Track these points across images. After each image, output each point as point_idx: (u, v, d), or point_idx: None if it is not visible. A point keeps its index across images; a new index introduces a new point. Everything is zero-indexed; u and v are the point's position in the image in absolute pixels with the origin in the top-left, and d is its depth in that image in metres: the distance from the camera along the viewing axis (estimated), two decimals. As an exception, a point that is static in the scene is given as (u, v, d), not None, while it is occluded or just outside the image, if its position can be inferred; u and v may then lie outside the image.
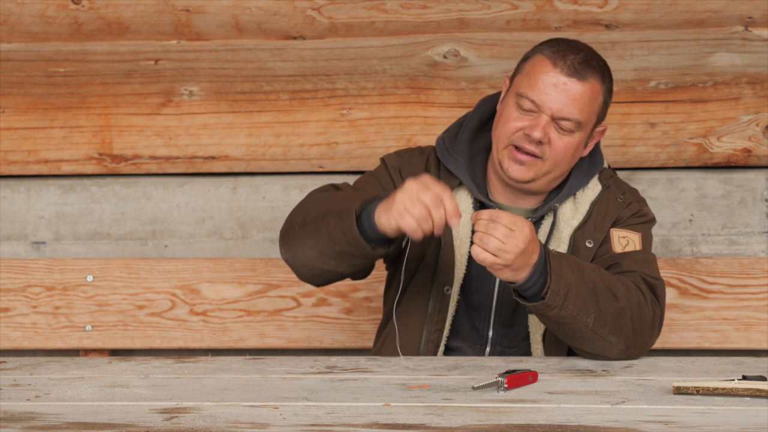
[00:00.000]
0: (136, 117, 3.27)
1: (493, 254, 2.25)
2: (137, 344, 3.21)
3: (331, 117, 3.23)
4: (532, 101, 2.47)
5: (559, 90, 2.46)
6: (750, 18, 3.11)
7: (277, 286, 3.17)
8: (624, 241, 2.56)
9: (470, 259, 2.56)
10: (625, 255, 2.53)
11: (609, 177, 2.64)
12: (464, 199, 2.58)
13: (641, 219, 2.61)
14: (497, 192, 2.60)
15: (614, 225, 2.58)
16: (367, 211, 2.36)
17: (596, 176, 2.62)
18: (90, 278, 3.20)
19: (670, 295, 3.08)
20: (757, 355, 2.93)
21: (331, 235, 2.39)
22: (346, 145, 3.24)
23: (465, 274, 2.58)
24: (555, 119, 2.47)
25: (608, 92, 2.54)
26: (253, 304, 3.18)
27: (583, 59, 2.48)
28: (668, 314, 3.08)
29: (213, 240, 3.30)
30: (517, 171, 2.51)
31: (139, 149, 3.28)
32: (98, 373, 2.33)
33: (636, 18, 3.12)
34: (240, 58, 3.22)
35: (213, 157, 3.27)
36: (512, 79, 2.56)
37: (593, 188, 2.60)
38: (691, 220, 3.21)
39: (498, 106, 2.58)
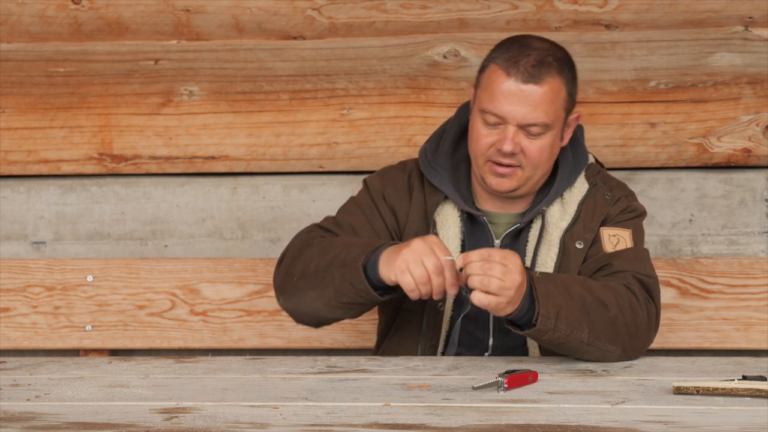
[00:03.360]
0: (136, 117, 3.27)
1: (496, 294, 2.23)
2: (137, 344, 3.21)
3: (331, 117, 3.23)
4: (495, 115, 2.46)
5: (518, 98, 2.44)
6: (750, 18, 3.11)
7: (277, 286, 3.16)
8: (615, 239, 2.55)
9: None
10: (616, 254, 2.51)
11: (596, 173, 2.62)
12: (451, 212, 2.57)
13: (631, 214, 2.59)
14: (484, 200, 2.60)
15: (604, 223, 2.56)
16: (371, 261, 2.37)
17: (583, 174, 2.60)
18: (90, 278, 3.20)
19: (670, 295, 3.08)
20: (757, 355, 2.93)
21: (338, 288, 2.41)
22: (346, 145, 3.24)
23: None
24: (522, 127, 2.45)
25: (571, 81, 2.51)
26: (253, 304, 3.18)
27: (536, 60, 2.45)
28: (668, 314, 3.08)
29: (213, 240, 3.30)
30: (499, 183, 2.51)
31: (139, 149, 3.28)
32: (98, 373, 2.33)
33: (636, 18, 3.12)
34: (240, 58, 3.22)
35: (213, 157, 3.27)
36: (475, 90, 2.55)
37: (580, 187, 2.59)
38: (691, 220, 3.21)
39: (470, 117, 2.57)
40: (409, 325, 2.60)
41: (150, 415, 1.93)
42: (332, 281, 2.41)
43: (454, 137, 2.61)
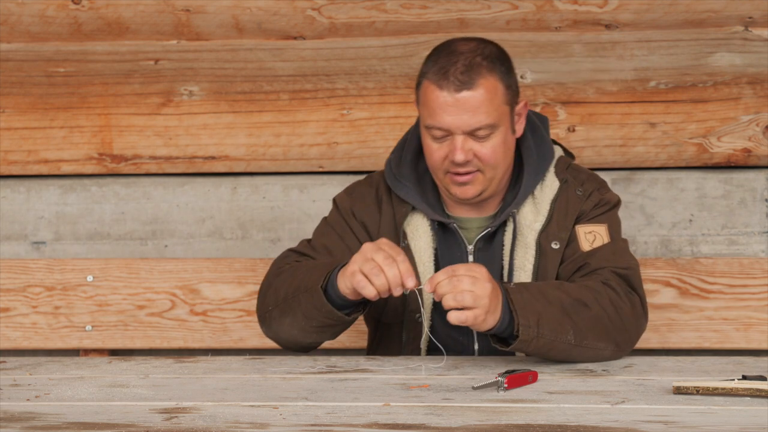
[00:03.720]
0: (136, 117, 3.27)
1: (472, 306, 2.20)
2: (137, 344, 3.21)
3: (331, 117, 3.23)
4: (439, 128, 2.45)
5: (456, 108, 2.42)
6: (750, 18, 3.11)
7: (277, 286, 3.17)
8: (591, 236, 2.53)
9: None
10: (592, 253, 2.50)
11: (566, 168, 2.60)
12: (421, 221, 2.57)
13: (604, 208, 2.57)
14: (453, 206, 2.59)
15: (578, 220, 2.54)
16: (331, 280, 2.36)
17: (552, 170, 2.58)
18: (90, 278, 3.20)
19: (670, 295, 3.08)
20: (757, 355, 2.93)
21: (305, 312, 2.42)
22: (346, 145, 3.24)
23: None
24: (468, 133, 2.44)
25: (506, 74, 2.48)
26: (253, 304, 3.17)
27: (464, 66, 2.43)
28: (668, 314, 3.08)
29: (213, 240, 3.30)
30: (463, 192, 2.50)
31: (139, 149, 3.28)
32: (98, 373, 2.33)
33: (636, 18, 3.12)
34: (240, 58, 3.22)
35: (213, 157, 3.27)
36: (417, 107, 2.52)
37: (551, 185, 2.56)
38: (691, 220, 3.21)
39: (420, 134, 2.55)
40: (390, 337, 2.61)
41: (150, 415, 1.93)
42: (299, 306, 2.42)
43: (416, 147, 2.60)
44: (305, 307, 2.41)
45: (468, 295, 2.19)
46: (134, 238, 3.31)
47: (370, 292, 2.27)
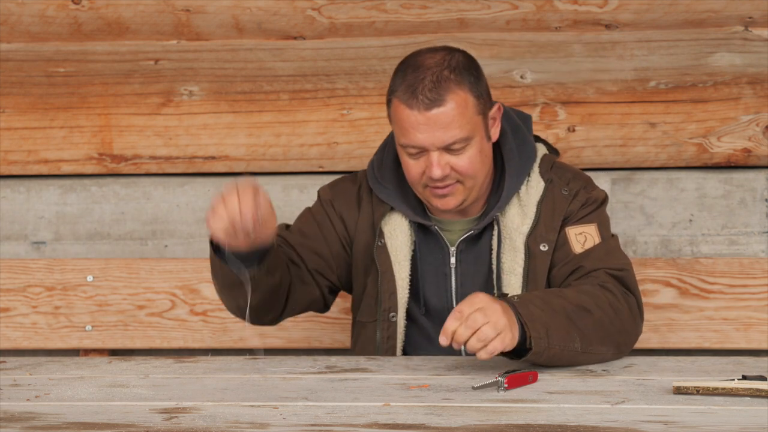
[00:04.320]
0: (136, 117, 3.27)
1: (495, 336, 2.15)
2: (137, 344, 3.21)
3: (331, 117, 3.23)
4: (413, 146, 2.43)
5: (428, 126, 2.40)
6: (750, 18, 3.11)
7: (277, 286, 3.16)
8: (582, 237, 2.52)
9: (414, 282, 2.56)
10: (585, 255, 2.48)
11: (550, 168, 2.58)
12: (400, 221, 2.57)
13: (592, 206, 2.55)
14: (436, 209, 2.57)
15: (566, 221, 2.53)
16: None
17: (537, 170, 2.56)
18: (90, 278, 3.20)
19: (670, 295, 3.08)
20: (757, 355, 2.93)
21: (215, 277, 2.44)
22: (346, 145, 3.24)
23: (416, 297, 2.57)
24: (443, 148, 2.42)
25: (474, 84, 2.45)
26: (253, 304, 3.18)
27: (432, 83, 2.40)
28: (668, 314, 3.08)
29: (213, 240, 3.30)
30: (445, 203, 2.49)
31: (139, 149, 3.28)
32: (98, 373, 2.33)
33: (636, 18, 3.12)
34: (240, 58, 3.22)
35: (213, 157, 3.27)
36: (391, 123, 2.51)
37: (536, 186, 2.55)
38: (691, 220, 3.21)
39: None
40: (366, 336, 2.62)
41: (150, 415, 1.93)
42: (215, 278, 2.44)
43: (396, 151, 2.58)
44: (213, 269, 2.43)
45: (487, 328, 2.14)
46: (134, 238, 3.31)
47: (214, 224, 2.24)
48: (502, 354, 2.26)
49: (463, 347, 2.16)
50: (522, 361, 2.24)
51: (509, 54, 3.16)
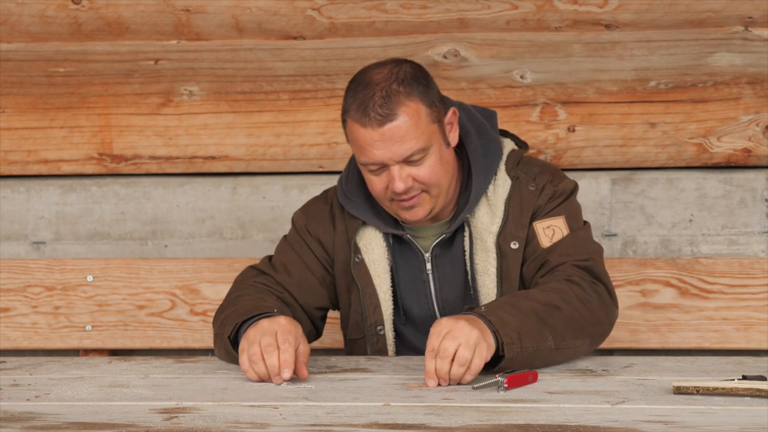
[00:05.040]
0: (136, 117, 3.27)
1: (471, 352, 2.14)
2: (137, 344, 3.21)
3: (331, 117, 3.23)
4: (373, 163, 2.43)
5: (383, 142, 2.39)
6: (750, 18, 3.11)
7: (277, 286, 3.16)
8: (549, 231, 2.51)
9: (395, 293, 2.56)
10: (552, 248, 2.48)
11: (516, 164, 2.56)
12: (374, 235, 2.56)
13: (560, 199, 2.53)
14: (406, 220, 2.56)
15: (535, 217, 2.52)
16: (241, 331, 2.33)
17: (503, 167, 2.55)
18: (90, 278, 3.20)
19: (670, 295, 3.08)
20: (757, 355, 2.93)
21: (222, 355, 2.44)
22: (346, 145, 3.23)
23: (398, 309, 2.57)
24: (402, 162, 2.42)
25: (425, 93, 2.42)
26: (253, 304, 3.18)
27: (381, 99, 2.38)
28: (668, 314, 3.08)
29: (213, 240, 3.30)
30: (413, 214, 2.48)
31: (139, 149, 3.28)
32: (98, 373, 2.33)
33: (636, 18, 3.12)
34: (240, 58, 3.23)
35: (213, 157, 3.27)
36: (347, 140, 2.50)
37: (503, 184, 2.53)
38: (691, 220, 3.21)
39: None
40: (357, 351, 2.62)
41: (150, 415, 1.93)
42: (222, 345, 2.41)
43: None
44: (221, 352, 2.43)
45: (461, 350, 2.14)
46: (134, 238, 3.31)
47: (251, 377, 2.23)
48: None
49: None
50: (497, 368, 2.22)
51: (509, 54, 3.16)
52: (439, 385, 2.15)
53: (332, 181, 3.24)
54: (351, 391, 2.11)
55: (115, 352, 3.24)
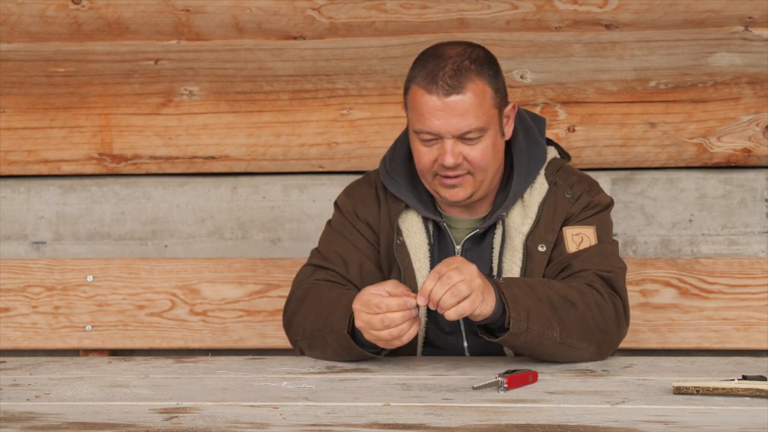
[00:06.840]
0: (136, 117, 3.27)
1: (468, 294, 2.20)
2: (137, 344, 3.21)
3: (331, 117, 3.23)
4: (429, 133, 2.45)
5: (445, 112, 2.42)
6: (750, 18, 3.11)
7: (277, 286, 3.17)
8: (578, 238, 2.53)
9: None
10: (577, 254, 2.49)
11: (556, 171, 2.58)
12: (415, 219, 2.57)
13: (593, 210, 2.56)
14: (445, 206, 2.58)
15: (566, 223, 2.54)
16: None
17: (543, 172, 2.57)
18: (90, 278, 3.20)
19: (670, 295, 3.08)
20: (757, 355, 2.93)
21: (337, 351, 2.43)
22: (346, 145, 3.24)
23: None
24: (458, 137, 2.44)
25: (493, 77, 2.47)
26: (253, 304, 3.18)
27: (453, 70, 2.42)
28: (668, 314, 3.08)
29: (213, 240, 3.30)
30: (453, 194, 2.50)
31: (139, 149, 3.28)
32: (98, 373, 2.33)
33: (636, 18, 3.12)
34: (240, 58, 3.22)
35: (213, 157, 3.27)
36: (406, 111, 2.52)
37: (540, 188, 2.55)
38: (691, 220, 3.21)
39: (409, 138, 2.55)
40: None
41: (150, 415, 1.93)
42: (329, 346, 2.43)
43: (409, 147, 2.58)
44: (336, 347, 2.42)
45: (462, 284, 2.20)
46: (134, 238, 3.31)
47: (398, 344, 2.27)
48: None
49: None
50: (498, 341, 2.27)
51: (509, 54, 3.16)
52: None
53: (332, 181, 3.25)
54: (351, 391, 2.11)
55: (115, 352, 3.24)
